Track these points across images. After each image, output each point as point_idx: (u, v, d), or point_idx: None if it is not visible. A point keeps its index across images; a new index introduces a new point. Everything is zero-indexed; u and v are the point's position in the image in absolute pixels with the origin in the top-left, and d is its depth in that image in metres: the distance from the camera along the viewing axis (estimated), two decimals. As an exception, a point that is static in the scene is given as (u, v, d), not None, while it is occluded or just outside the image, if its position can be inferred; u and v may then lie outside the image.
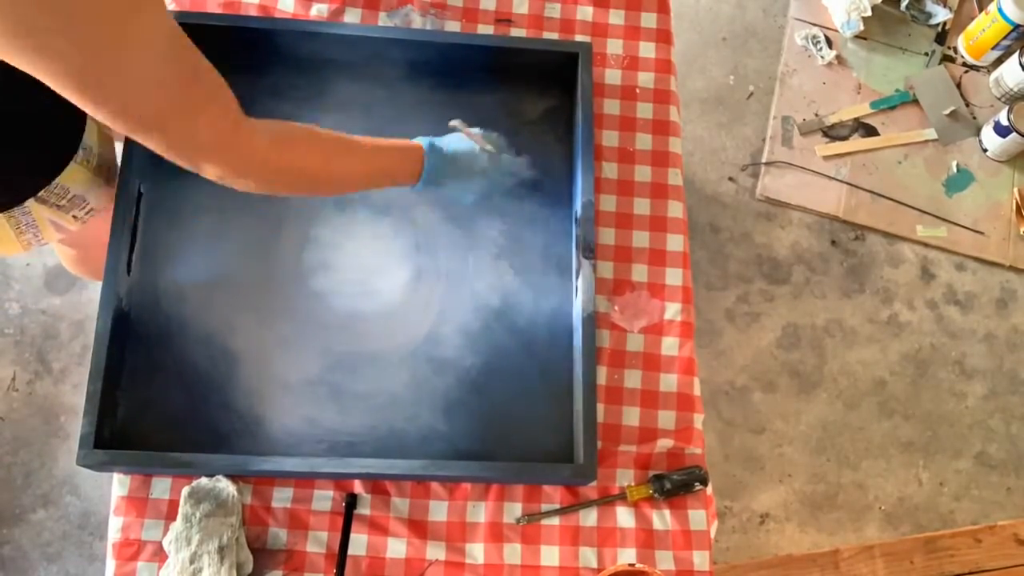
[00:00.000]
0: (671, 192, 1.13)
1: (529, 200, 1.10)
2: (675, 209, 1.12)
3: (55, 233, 1.03)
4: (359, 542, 0.95)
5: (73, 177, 0.98)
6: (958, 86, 2.06)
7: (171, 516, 0.94)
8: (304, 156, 0.83)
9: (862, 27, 2.03)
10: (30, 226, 0.99)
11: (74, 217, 1.03)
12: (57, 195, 0.97)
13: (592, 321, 0.99)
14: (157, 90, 0.66)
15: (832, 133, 2.00)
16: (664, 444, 1.02)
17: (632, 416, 1.03)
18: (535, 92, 1.14)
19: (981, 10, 2.05)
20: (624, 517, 0.98)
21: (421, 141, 0.94)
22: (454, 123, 0.99)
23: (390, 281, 1.05)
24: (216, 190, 1.05)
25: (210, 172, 0.75)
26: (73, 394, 1.69)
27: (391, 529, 0.96)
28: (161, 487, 0.96)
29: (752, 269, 1.92)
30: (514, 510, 0.98)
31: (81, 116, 0.98)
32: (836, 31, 2.07)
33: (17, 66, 0.61)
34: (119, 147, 1.06)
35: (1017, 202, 1.98)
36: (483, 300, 1.05)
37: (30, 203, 0.95)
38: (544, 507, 0.98)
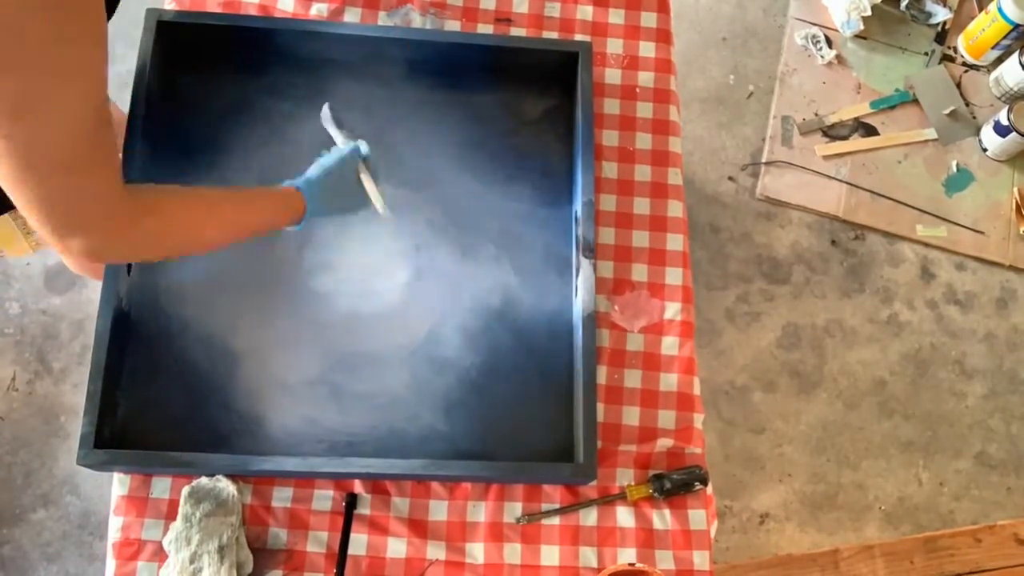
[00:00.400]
0: (671, 192, 1.13)
1: (529, 200, 1.10)
2: (675, 209, 1.12)
3: (36, 245, 1.03)
4: (359, 542, 0.95)
5: None
6: (958, 86, 2.06)
7: (171, 516, 0.94)
8: (174, 219, 0.80)
9: (862, 27, 2.03)
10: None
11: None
12: None
13: (592, 321, 0.99)
14: (66, 140, 0.63)
15: (832, 133, 2.00)
16: (664, 444, 1.02)
17: (632, 416, 1.03)
18: (535, 92, 1.14)
19: (981, 10, 2.05)
20: (624, 517, 0.98)
21: (293, 183, 0.92)
22: (324, 113, 0.99)
23: (390, 281, 1.05)
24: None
25: (74, 245, 0.70)
26: (73, 394, 1.69)
27: (391, 529, 0.96)
28: (161, 487, 0.96)
29: (752, 269, 1.92)
30: (514, 510, 0.98)
31: None
32: (836, 31, 2.07)
33: None
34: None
35: (1017, 202, 1.98)
36: (483, 300, 1.05)
37: None
38: (544, 507, 0.98)
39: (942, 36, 2.09)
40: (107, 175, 0.70)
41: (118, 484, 0.96)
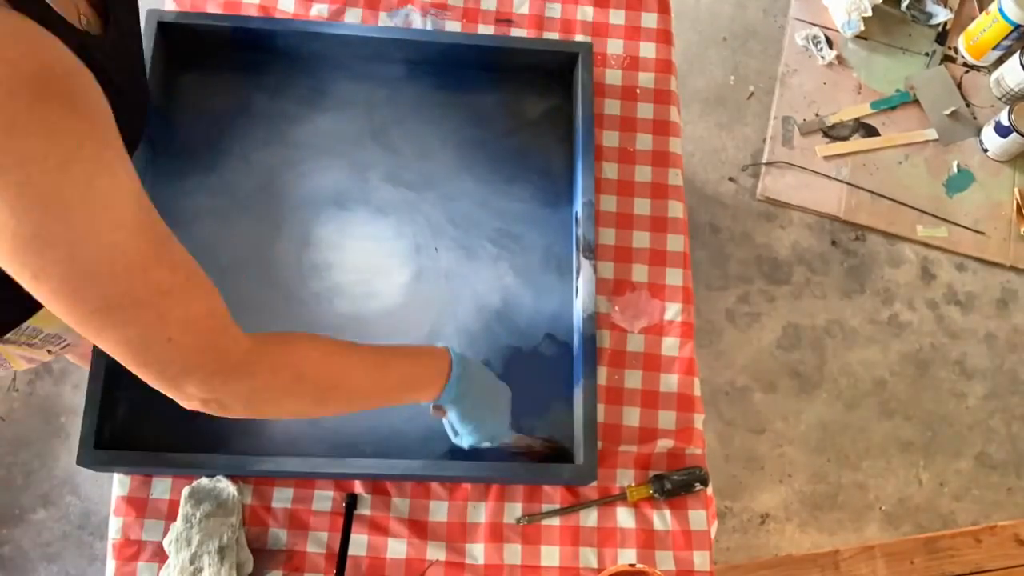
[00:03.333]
0: (671, 192, 1.13)
1: (529, 200, 1.10)
2: (675, 209, 1.12)
3: (26, 364, 0.99)
4: (359, 542, 0.95)
5: (48, 319, 0.90)
6: (959, 86, 2.06)
7: (171, 516, 0.94)
8: (302, 358, 0.70)
9: (862, 27, 2.03)
10: None
11: (48, 351, 0.98)
12: (28, 335, 0.92)
13: (592, 321, 0.99)
14: (114, 265, 0.54)
15: (832, 133, 1.99)
16: (664, 444, 1.02)
17: (632, 416, 1.03)
18: (535, 92, 1.14)
19: (981, 10, 2.05)
20: (624, 517, 0.98)
21: (450, 348, 0.83)
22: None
23: (390, 281, 1.05)
24: (216, 190, 1.05)
25: (189, 388, 0.62)
26: (73, 394, 1.69)
27: (391, 529, 0.96)
28: (161, 487, 0.95)
29: (752, 269, 1.92)
30: (514, 510, 0.98)
31: None
32: (836, 31, 2.07)
33: None
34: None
35: (1018, 202, 1.98)
36: (483, 300, 1.05)
37: None
38: (544, 507, 0.98)
39: (943, 37, 2.09)
40: (200, 299, 0.61)
41: (118, 484, 0.96)
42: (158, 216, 0.59)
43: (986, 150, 2.00)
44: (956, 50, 2.09)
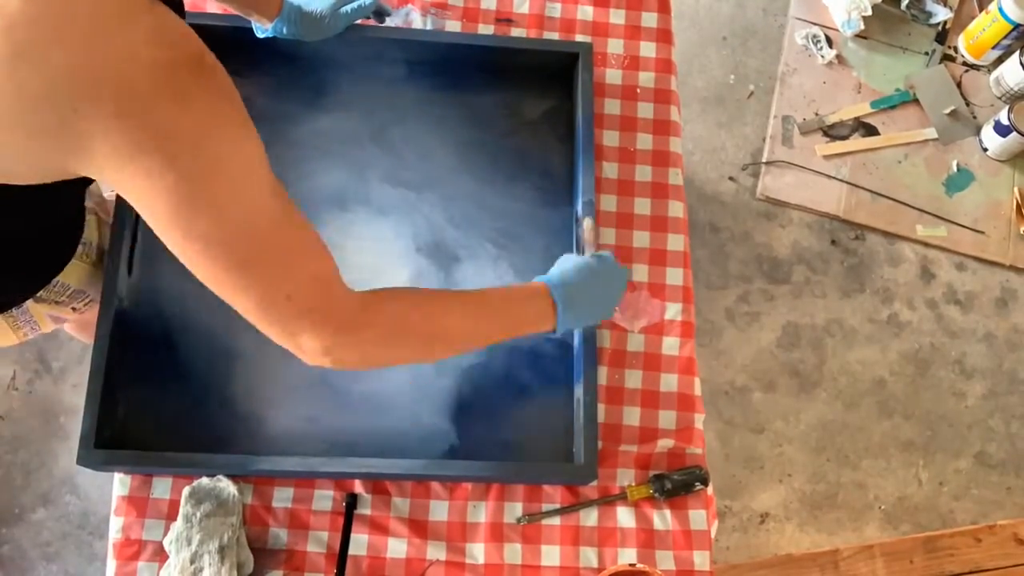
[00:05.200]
0: (671, 192, 1.13)
1: (529, 200, 1.10)
2: (675, 209, 1.12)
3: (52, 324, 1.03)
4: (359, 542, 0.95)
5: (73, 274, 0.96)
6: (958, 85, 2.06)
7: (172, 516, 0.94)
8: (407, 309, 0.76)
9: (862, 26, 2.03)
10: (28, 322, 0.98)
11: (73, 309, 1.02)
12: (56, 292, 0.96)
13: (592, 321, 0.99)
14: (254, 225, 0.62)
15: (832, 132, 1.99)
16: (664, 444, 1.02)
17: (632, 416, 1.03)
18: (535, 92, 1.14)
19: (981, 9, 2.05)
20: (625, 517, 0.98)
21: (542, 279, 0.86)
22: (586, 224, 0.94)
23: (390, 281, 1.05)
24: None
25: (306, 342, 0.68)
26: (73, 394, 1.69)
27: (391, 529, 0.96)
28: (162, 487, 0.96)
29: (752, 269, 1.92)
30: (514, 510, 0.98)
31: (80, 214, 0.95)
32: (836, 30, 2.07)
33: (116, 189, 0.60)
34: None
35: (1017, 201, 1.98)
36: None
37: (28, 303, 0.94)
38: (544, 507, 0.98)
39: (942, 36, 2.09)
40: (316, 260, 0.68)
41: (118, 484, 0.96)
42: (286, 202, 0.66)
43: (986, 149, 2.00)
44: (956, 49, 2.09)
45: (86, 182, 0.67)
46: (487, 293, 0.84)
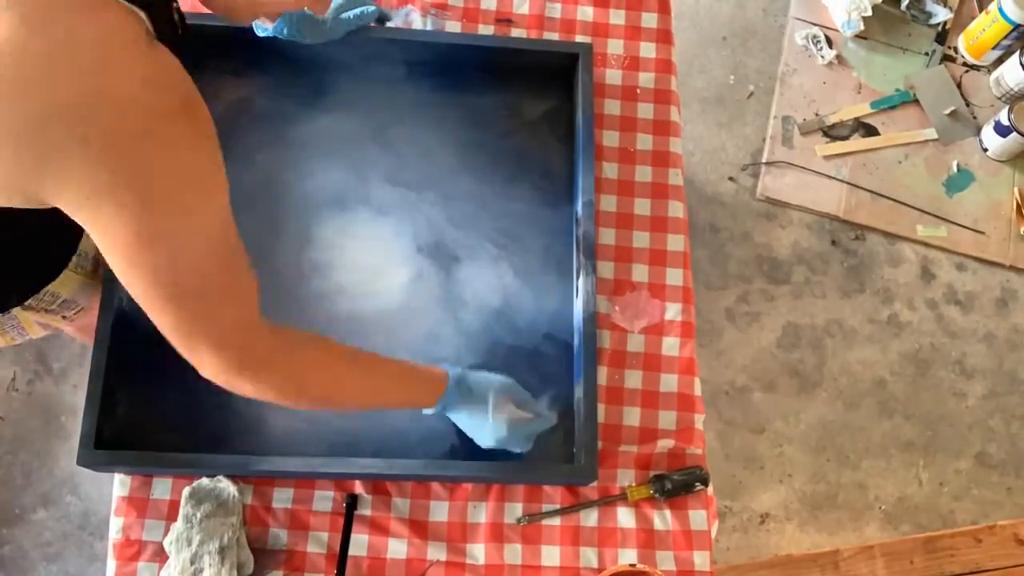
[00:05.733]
0: (671, 192, 1.13)
1: (529, 201, 1.10)
2: (675, 209, 1.12)
3: (42, 331, 1.03)
4: (360, 542, 0.95)
5: (65, 284, 0.96)
6: (958, 86, 2.06)
7: (172, 516, 0.94)
8: (312, 366, 0.79)
9: (862, 27, 2.03)
10: (14, 327, 0.99)
11: (63, 317, 1.02)
12: (46, 301, 0.96)
13: (592, 321, 0.99)
14: (203, 266, 0.65)
15: (832, 133, 1.99)
16: (665, 444, 1.02)
17: (633, 416, 1.03)
18: (535, 92, 1.14)
19: (981, 10, 2.05)
20: (625, 517, 0.98)
21: (452, 372, 0.89)
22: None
23: (390, 281, 1.05)
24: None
25: (207, 364, 0.71)
26: (73, 394, 1.69)
27: (392, 529, 0.96)
28: (162, 487, 0.96)
29: (752, 269, 1.92)
30: (515, 510, 0.98)
31: (77, 227, 0.96)
32: (836, 31, 2.07)
33: (77, 215, 0.61)
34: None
35: (1017, 202, 1.98)
36: (483, 300, 1.05)
37: (15, 310, 0.94)
38: (545, 507, 0.98)
39: (942, 36, 2.09)
40: (243, 303, 0.71)
41: (119, 485, 0.96)
42: (235, 242, 0.69)
43: (986, 150, 2.00)
44: (956, 49, 2.09)
45: None
46: (388, 365, 0.86)
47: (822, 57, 2.04)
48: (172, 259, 0.63)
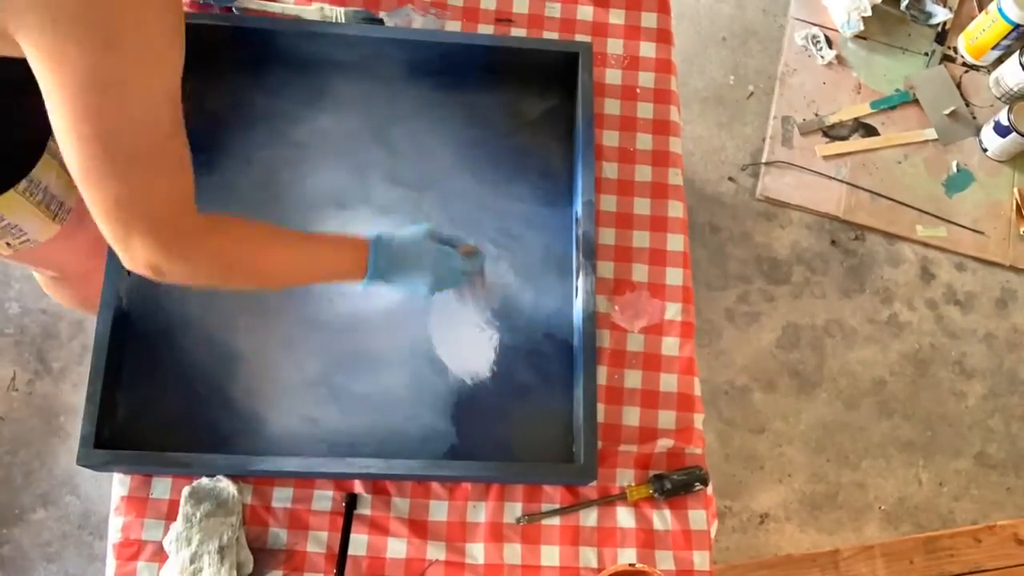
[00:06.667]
0: (671, 192, 1.13)
1: (529, 200, 1.10)
2: (675, 209, 1.12)
3: None
4: (359, 542, 0.95)
5: (9, 204, 0.96)
6: (958, 86, 2.06)
7: (171, 516, 0.94)
8: (239, 242, 0.81)
9: (862, 27, 2.03)
10: None
11: (7, 244, 1.02)
12: None
13: (592, 321, 0.99)
14: (150, 126, 0.66)
15: (832, 133, 2.00)
16: (664, 444, 1.02)
17: (632, 416, 1.03)
18: (535, 92, 1.14)
19: (981, 10, 2.05)
20: (624, 517, 0.98)
21: (370, 235, 0.91)
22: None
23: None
24: (216, 190, 1.05)
25: (138, 247, 0.71)
26: (73, 394, 1.69)
27: (391, 529, 0.96)
28: (161, 487, 0.96)
29: (752, 269, 1.92)
30: (514, 510, 0.98)
31: (35, 149, 0.96)
32: (836, 31, 2.07)
33: (30, 52, 0.61)
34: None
35: (1017, 202, 1.98)
36: (483, 300, 1.05)
37: None
38: (544, 507, 0.98)
39: (942, 36, 2.09)
40: (180, 182, 0.72)
41: (118, 484, 0.96)
42: (179, 118, 0.69)
43: (985, 150, 2.00)
44: (955, 50, 2.09)
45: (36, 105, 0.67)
46: (312, 239, 0.90)
47: (822, 57, 2.05)
48: (120, 110, 0.63)
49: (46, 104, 0.64)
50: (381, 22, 1.14)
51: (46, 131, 0.94)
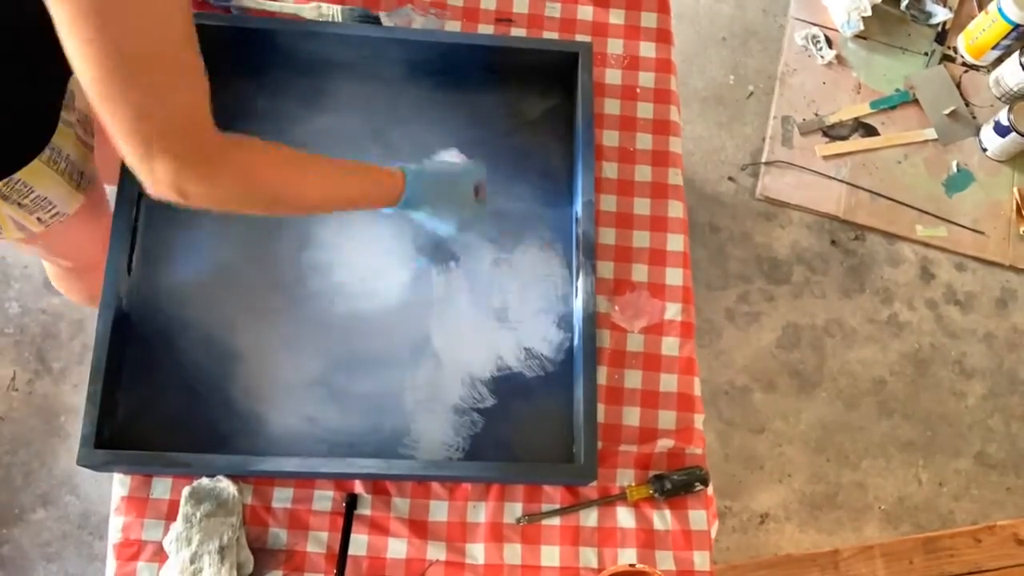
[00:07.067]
0: (671, 192, 1.13)
1: (529, 200, 1.10)
2: (675, 209, 1.12)
3: (16, 231, 1.01)
4: (359, 542, 0.95)
5: (37, 175, 0.94)
6: (958, 86, 2.06)
7: (171, 516, 0.94)
8: (265, 161, 0.78)
9: (862, 27, 2.03)
10: None
11: (38, 219, 1.00)
12: (19, 192, 0.94)
13: (592, 321, 0.99)
14: (165, 39, 0.64)
15: (832, 133, 2.00)
16: (664, 444, 1.02)
17: (632, 416, 1.03)
18: (535, 92, 1.14)
19: (981, 10, 2.05)
20: (624, 517, 0.98)
21: (405, 168, 0.91)
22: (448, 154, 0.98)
23: (390, 281, 1.05)
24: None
25: (159, 169, 0.69)
26: (73, 394, 1.69)
27: (391, 529, 0.96)
28: (161, 487, 0.96)
29: (752, 269, 1.92)
30: (514, 510, 0.98)
31: (52, 116, 0.94)
32: (836, 31, 2.07)
33: None
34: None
35: (1017, 202, 1.98)
36: (483, 300, 1.05)
37: None
38: (544, 507, 0.98)
39: (942, 36, 2.09)
40: (197, 94, 0.69)
41: (118, 484, 0.96)
42: (192, 31, 0.67)
43: (985, 150, 2.00)
44: (955, 50, 2.09)
45: (61, 72, 0.66)
46: (342, 162, 0.87)
47: (822, 57, 2.05)
48: (137, 26, 0.62)
49: (55, 21, 0.62)
50: (378, 20, 1.14)
51: (59, 94, 0.93)
